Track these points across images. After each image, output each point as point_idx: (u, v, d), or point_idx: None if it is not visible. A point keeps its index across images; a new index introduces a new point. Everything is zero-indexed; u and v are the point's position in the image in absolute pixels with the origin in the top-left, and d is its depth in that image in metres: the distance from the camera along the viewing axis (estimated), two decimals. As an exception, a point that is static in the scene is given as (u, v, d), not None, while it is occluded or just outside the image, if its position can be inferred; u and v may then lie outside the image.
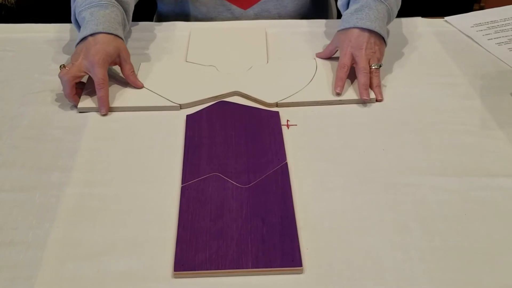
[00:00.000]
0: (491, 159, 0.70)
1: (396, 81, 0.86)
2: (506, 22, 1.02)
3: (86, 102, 0.80)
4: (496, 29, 0.99)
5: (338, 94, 0.80)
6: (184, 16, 1.08)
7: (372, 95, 0.81)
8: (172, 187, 0.66)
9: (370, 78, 0.82)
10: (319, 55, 0.90)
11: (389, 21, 0.89)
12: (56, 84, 0.84)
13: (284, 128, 0.75)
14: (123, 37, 0.84)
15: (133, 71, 0.83)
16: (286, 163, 0.69)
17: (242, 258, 0.56)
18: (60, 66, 0.80)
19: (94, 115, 0.78)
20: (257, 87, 0.83)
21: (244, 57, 0.91)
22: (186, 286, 0.55)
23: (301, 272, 0.56)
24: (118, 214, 0.63)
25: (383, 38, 0.86)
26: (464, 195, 0.65)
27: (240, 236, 0.59)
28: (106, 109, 0.78)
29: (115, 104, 0.80)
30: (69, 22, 1.01)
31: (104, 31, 0.80)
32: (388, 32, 0.92)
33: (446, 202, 0.64)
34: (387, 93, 0.83)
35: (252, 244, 0.58)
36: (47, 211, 0.63)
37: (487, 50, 0.94)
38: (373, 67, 0.83)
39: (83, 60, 0.78)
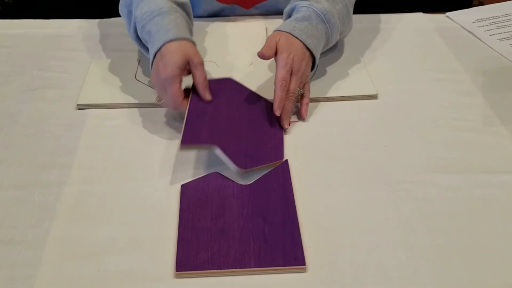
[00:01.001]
0: (493, 156, 0.70)
1: (397, 77, 0.86)
2: (508, 17, 1.01)
3: (86, 98, 0.79)
4: (498, 25, 0.99)
5: (286, 129, 0.74)
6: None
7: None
8: (172, 184, 0.65)
9: (287, 103, 0.74)
10: (263, 54, 0.75)
11: (326, 45, 0.81)
12: (54, 81, 0.84)
13: (291, 124, 0.75)
14: (193, 40, 0.76)
15: (205, 79, 0.72)
16: (287, 161, 0.68)
17: (245, 257, 0.56)
18: (156, 100, 0.75)
19: (93, 111, 0.78)
20: (258, 83, 0.82)
21: (245, 53, 0.90)
22: (187, 286, 0.54)
23: (304, 271, 0.55)
24: (117, 212, 0.62)
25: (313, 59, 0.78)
26: (467, 193, 0.65)
27: (241, 235, 0.58)
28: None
29: (114, 101, 0.79)
30: (68, 17, 1.01)
31: (175, 37, 0.72)
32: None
33: (449, 199, 0.64)
34: (389, 89, 0.82)
35: (254, 243, 0.57)
36: (46, 209, 0.62)
37: (489, 46, 0.93)
38: (299, 93, 0.76)
39: (156, 83, 0.72)
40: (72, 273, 0.55)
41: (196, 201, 0.62)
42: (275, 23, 0.99)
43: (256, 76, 0.84)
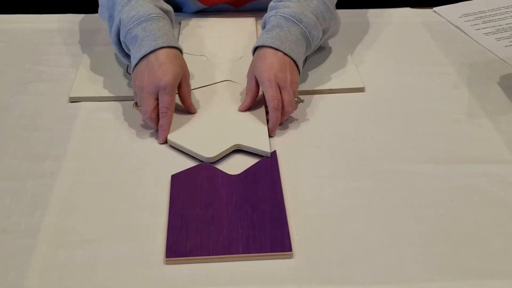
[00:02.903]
0: (477, 147, 0.72)
1: (385, 71, 0.87)
2: (494, 12, 1.03)
3: (78, 91, 0.80)
4: (484, 20, 1.01)
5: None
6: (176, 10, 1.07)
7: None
8: (163, 175, 0.66)
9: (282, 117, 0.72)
10: (243, 107, 0.75)
11: (309, 45, 0.77)
12: (47, 74, 0.85)
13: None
14: (181, 48, 0.75)
15: (190, 93, 0.74)
16: (275, 152, 0.69)
17: (233, 244, 0.57)
18: (133, 106, 0.73)
19: (85, 104, 0.79)
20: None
21: (235, 47, 0.91)
22: (177, 272, 0.55)
23: (290, 257, 0.57)
24: (109, 202, 0.63)
25: (295, 63, 0.75)
26: (451, 182, 0.66)
27: (230, 223, 0.59)
28: (163, 138, 0.70)
29: (106, 94, 0.80)
30: (60, 12, 1.01)
31: (166, 45, 0.71)
32: (305, 60, 0.80)
33: (433, 188, 0.65)
34: (376, 82, 0.84)
35: (243, 230, 0.59)
36: (39, 199, 0.63)
37: (475, 40, 0.95)
38: (298, 101, 0.74)
39: (149, 87, 0.70)
40: (64, 261, 0.56)
41: (186, 191, 0.63)
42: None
43: (246, 69, 0.85)
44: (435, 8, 1.04)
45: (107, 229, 0.60)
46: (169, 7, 0.79)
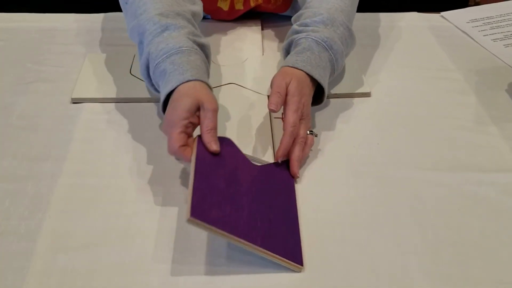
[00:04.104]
0: (484, 155, 0.71)
1: (391, 76, 0.86)
2: (502, 18, 1.02)
3: (80, 92, 0.79)
4: (492, 25, 1.00)
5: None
6: None
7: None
8: (165, 178, 0.66)
9: (297, 148, 0.66)
10: (274, 106, 0.66)
11: (332, 73, 0.75)
12: (48, 74, 0.84)
13: (279, 121, 0.75)
14: (210, 85, 0.67)
15: (213, 128, 0.62)
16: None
17: (253, 233, 0.55)
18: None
19: (87, 105, 0.78)
20: (253, 79, 0.83)
21: (240, 49, 0.90)
22: (178, 277, 0.54)
23: (300, 271, 0.55)
24: (110, 205, 0.62)
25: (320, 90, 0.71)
26: (458, 190, 0.65)
27: (250, 211, 0.57)
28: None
29: (108, 95, 0.79)
30: (63, 11, 1.01)
31: (193, 78, 0.64)
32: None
33: (439, 197, 0.64)
34: (382, 87, 0.83)
35: (262, 223, 0.56)
36: (39, 201, 0.62)
37: (482, 46, 0.94)
38: (313, 134, 0.69)
39: (164, 125, 0.64)
40: (64, 265, 0.55)
41: (210, 158, 0.60)
42: (270, 21, 0.99)
43: (251, 72, 0.85)
44: (442, 13, 1.03)
45: (108, 233, 0.59)
46: (205, 41, 0.72)
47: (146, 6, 0.71)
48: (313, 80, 0.70)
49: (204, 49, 0.71)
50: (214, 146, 0.61)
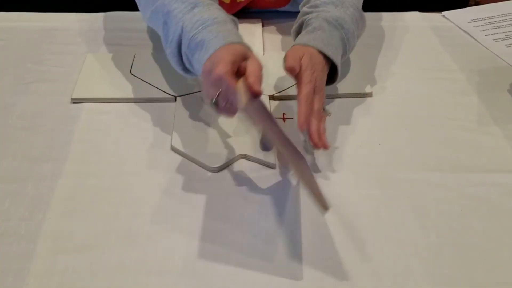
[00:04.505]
0: (487, 155, 0.70)
1: (392, 76, 0.86)
2: (504, 18, 1.02)
3: (81, 92, 0.79)
4: (493, 25, 0.99)
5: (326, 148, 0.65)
6: None
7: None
8: (166, 179, 0.65)
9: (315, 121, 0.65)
10: (293, 68, 0.67)
11: (344, 53, 0.74)
12: (49, 74, 0.83)
13: (279, 121, 0.75)
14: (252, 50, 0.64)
15: (260, 70, 0.60)
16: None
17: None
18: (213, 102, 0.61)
19: (88, 105, 0.77)
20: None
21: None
22: (178, 280, 0.54)
23: (326, 211, 0.56)
24: (111, 206, 0.62)
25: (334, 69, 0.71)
26: (460, 191, 0.65)
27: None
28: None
29: (109, 95, 0.79)
30: (63, 10, 1.00)
31: (236, 41, 0.63)
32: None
33: (441, 198, 0.64)
34: (384, 87, 0.83)
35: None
36: (39, 202, 0.62)
37: (484, 46, 0.94)
38: (325, 113, 0.69)
39: (203, 74, 0.62)
40: (64, 266, 0.55)
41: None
42: (270, 20, 0.99)
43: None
44: (444, 13, 1.03)
45: (109, 235, 0.59)
46: (234, 18, 0.71)
47: None
48: (326, 58, 0.69)
49: (235, 23, 0.70)
50: (257, 87, 0.57)
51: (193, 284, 0.54)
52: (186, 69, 0.69)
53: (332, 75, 0.72)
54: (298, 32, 0.76)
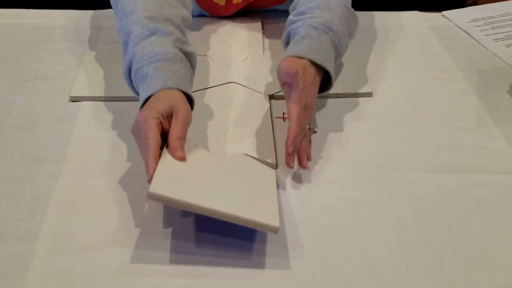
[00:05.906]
0: (486, 156, 0.70)
1: (392, 76, 0.86)
2: (503, 18, 1.02)
3: (79, 90, 0.78)
4: (493, 25, 0.99)
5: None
6: None
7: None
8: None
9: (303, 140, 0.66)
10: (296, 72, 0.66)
11: (338, 55, 0.74)
12: (46, 72, 0.83)
13: (280, 121, 0.75)
14: (192, 96, 0.65)
15: (180, 137, 0.59)
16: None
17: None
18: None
19: (86, 104, 0.77)
20: (253, 78, 0.82)
21: (240, 48, 0.89)
22: (178, 282, 0.54)
23: (277, 233, 0.55)
24: (110, 206, 0.61)
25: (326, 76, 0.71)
26: (460, 192, 0.65)
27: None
28: (149, 176, 0.56)
29: (107, 93, 0.78)
30: (61, 8, 0.99)
31: (175, 87, 0.62)
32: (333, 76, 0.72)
33: (441, 199, 0.64)
34: (384, 87, 0.83)
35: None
36: (38, 203, 0.61)
37: (484, 46, 0.94)
38: (312, 131, 0.68)
39: (132, 128, 0.62)
40: (63, 268, 0.55)
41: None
42: (270, 19, 0.98)
43: (251, 70, 0.84)
44: (443, 12, 1.03)
45: (108, 235, 0.58)
46: (192, 50, 0.70)
47: (136, 4, 0.70)
48: (318, 66, 0.69)
49: (190, 58, 0.69)
50: (180, 153, 0.58)
51: (193, 284, 0.53)
52: (136, 91, 0.68)
53: (327, 79, 0.72)
54: (287, 42, 0.75)
